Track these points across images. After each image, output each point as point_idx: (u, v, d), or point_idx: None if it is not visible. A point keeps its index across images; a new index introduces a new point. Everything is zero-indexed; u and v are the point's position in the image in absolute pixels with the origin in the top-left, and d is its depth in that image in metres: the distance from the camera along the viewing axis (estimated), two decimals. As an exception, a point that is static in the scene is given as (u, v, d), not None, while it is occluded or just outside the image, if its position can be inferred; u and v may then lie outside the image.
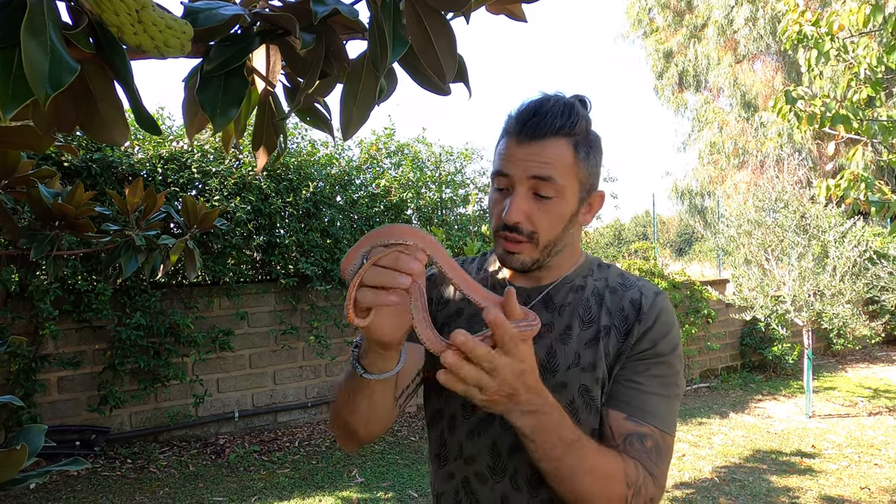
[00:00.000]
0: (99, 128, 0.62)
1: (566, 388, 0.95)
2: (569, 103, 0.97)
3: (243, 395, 4.88)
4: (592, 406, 0.95)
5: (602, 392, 0.95)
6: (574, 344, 0.98)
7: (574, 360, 0.96)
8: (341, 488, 3.80)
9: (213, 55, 0.69)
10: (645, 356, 0.96)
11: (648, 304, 0.99)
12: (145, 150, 4.37)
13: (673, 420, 0.96)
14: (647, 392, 0.94)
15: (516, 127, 0.96)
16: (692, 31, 14.34)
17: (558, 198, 0.96)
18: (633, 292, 1.01)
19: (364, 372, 0.83)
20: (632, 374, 0.95)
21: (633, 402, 0.93)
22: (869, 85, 3.82)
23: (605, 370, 0.96)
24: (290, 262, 4.89)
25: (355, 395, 0.88)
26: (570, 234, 1.01)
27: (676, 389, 0.98)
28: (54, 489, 3.71)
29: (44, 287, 3.87)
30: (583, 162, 0.97)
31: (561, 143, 0.95)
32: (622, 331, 0.97)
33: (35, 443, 1.15)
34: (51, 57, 0.46)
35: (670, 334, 0.98)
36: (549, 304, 1.03)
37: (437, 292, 1.15)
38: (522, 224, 0.96)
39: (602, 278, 1.06)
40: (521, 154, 0.95)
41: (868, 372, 7.46)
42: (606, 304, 1.01)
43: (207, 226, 1.72)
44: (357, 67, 0.86)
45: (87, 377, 4.23)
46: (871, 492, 3.77)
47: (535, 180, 0.94)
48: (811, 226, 5.52)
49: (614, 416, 0.94)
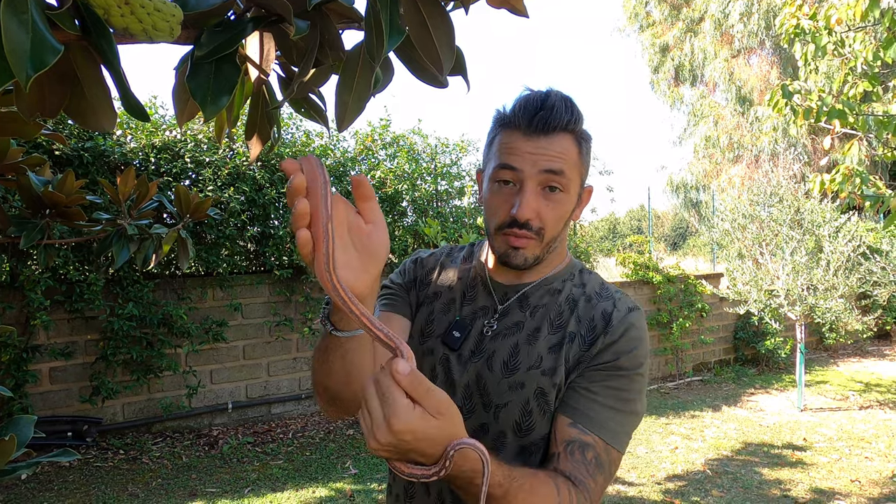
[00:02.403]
0: (85, 113, 0.60)
1: (523, 388, 0.94)
2: (568, 98, 0.97)
3: (237, 387, 4.87)
4: (546, 411, 0.94)
5: (557, 397, 0.94)
6: (539, 346, 0.97)
7: (535, 363, 0.95)
8: (335, 480, 3.80)
9: (204, 41, 0.67)
10: (604, 367, 0.93)
11: (619, 318, 0.97)
12: (138, 140, 4.33)
13: (622, 436, 0.92)
14: (597, 402, 0.91)
15: (524, 121, 0.94)
16: (688, 25, 14.31)
17: (565, 193, 0.96)
18: (606, 304, 1.00)
19: (333, 329, 0.78)
20: (587, 381, 0.93)
21: (582, 409, 0.91)
22: (865, 80, 3.82)
23: (563, 376, 0.94)
24: (284, 253, 4.87)
25: (328, 355, 0.83)
26: (564, 231, 1.01)
27: (633, 406, 0.94)
28: (46, 480, 3.69)
29: (35, 277, 3.83)
30: (583, 157, 0.98)
31: (567, 138, 0.95)
32: (587, 340, 0.96)
33: (24, 434, 1.14)
34: (32, 37, 0.44)
35: (636, 352, 0.95)
36: (524, 304, 1.02)
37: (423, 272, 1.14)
38: (533, 221, 0.95)
39: (581, 285, 1.04)
40: (531, 148, 0.94)
41: (859, 366, 7.52)
42: (578, 312, 0.99)
43: (200, 215, 1.70)
44: (353, 57, 0.85)
45: (79, 368, 4.20)
46: (862, 484, 3.81)
47: (548, 174, 0.93)
48: (805, 220, 5.54)
49: (560, 420, 0.92)
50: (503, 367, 0.96)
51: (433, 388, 0.65)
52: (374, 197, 0.71)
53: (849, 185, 3.78)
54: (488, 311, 1.04)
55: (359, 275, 0.70)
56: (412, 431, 0.63)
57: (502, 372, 0.96)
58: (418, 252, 1.19)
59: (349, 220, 0.70)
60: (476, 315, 1.04)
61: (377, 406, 0.63)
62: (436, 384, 0.90)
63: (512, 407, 0.94)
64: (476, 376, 0.98)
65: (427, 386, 0.64)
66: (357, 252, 0.70)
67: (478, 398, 0.97)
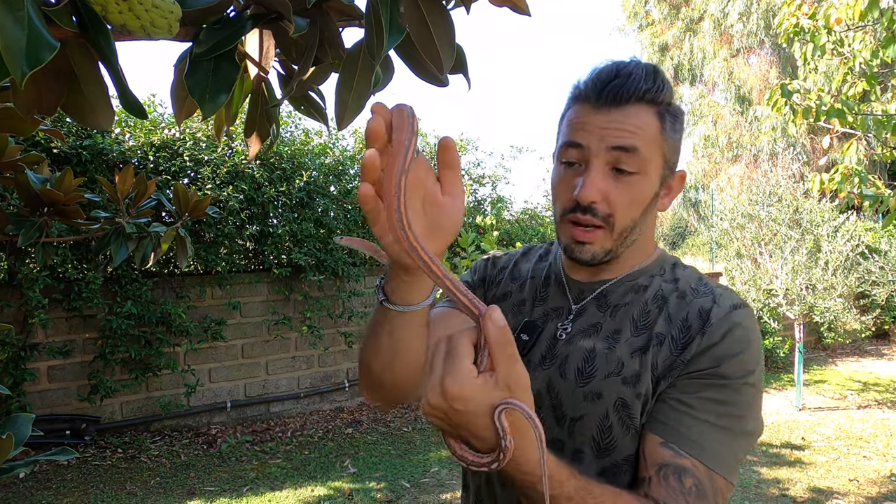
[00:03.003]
0: (83, 111, 0.60)
1: (601, 399, 0.81)
2: (652, 67, 0.84)
3: (235, 386, 4.87)
4: (630, 426, 0.79)
5: (643, 412, 0.80)
6: (619, 350, 0.83)
7: (615, 369, 0.82)
8: (334, 479, 3.80)
9: (202, 38, 0.67)
10: (702, 375, 0.78)
11: (719, 317, 0.80)
12: (136, 138, 4.32)
13: (728, 460, 0.76)
14: (694, 417, 0.76)
15: (594, 92, 0.83)
16: (688, 24, 14.31)
17: (641, 174, 0.82)
18: (704, 300, 0.84)
19: (385, 299, 0.70)
20: (680, 392, 0.78)
21: (676, 427, 0.76)
22: (864, 79, 3.82)
23: (650, 385, 0.80)
24: (283, 252, 4.86)
25: (376, 328, 0.75)
26: (646, 220, 0.87)
27: (740, 424, 0.77)
28: (44, 478, 3.69)
29: (33, 275, 3.83)
30: (668, 135, 0.84)
31: (645, 110, 0.82)
32: (679, 342, 0.80)
33: (22, 432, 1.13)
34: (28, 33, 0.44)
35: (742, 356, 0.78)
36: (602, 303, 0.89)
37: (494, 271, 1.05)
38: (598, 205, 0.82)
39: (672, 280, 0.89)
40: (600, 122, 0.82)
41: (858, 365, 7.52)
42: (668, 310, 0.84)
43: (199, 214, 1.70)
44: (353, 55, 0.84)
45: (77, 366, 4.20)
46: (860, 483, 3.81)
47: (617, 152, 0.81)
48: (804, 220, 5.54)
49: (650, 439, 0.77)
50: (577, 374, 0.83)
51: (518, 359, 0.55)
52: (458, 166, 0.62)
53: (848, 185, 3.78)
54: (562, 312, 0.92)
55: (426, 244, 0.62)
56: (465, 399, 0.55)
57: (577, 380, 0.83)
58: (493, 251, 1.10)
59: (426, 185, 0.63)
60: (548, 316, 0.92)
61: (439, 362, 0.57)
62: None
63: (588, 421, 0.81)
64: (547, 385, 0.86)
65: (512, 351, 0.55)
66: (426, 222, 0.62)
67: (549, 410, 0.85)
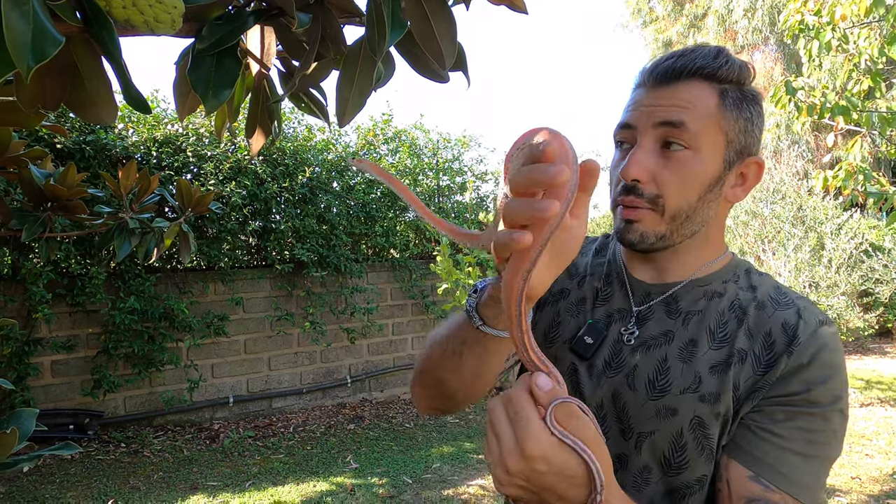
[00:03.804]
0: (86, 106, 0.60)
1: (676, 415, 0.75)
2: (718, 47, 0.78)
3: (238, 381, 4.88)
4: (706, 447, 0.74)
5: (722, 432, 0.75)
6: (697, 364, 0.76)
7: (692, 385, 0.75)
8: (336, 474, 3.81)
9: (205, 34, 0.67)
10: (792, 401, 0.72)
11: (807, 334, 0.74)
12: (139, 133, 4.33)
13: (817, 490, 0.72)
14: (786, 448, 0.71)
15: (650, 74, 0.79)
16: (692, 20, 14.25)
17: (693, 151, 0.75)
18: (787, 313, 0.76)
19: (482, 324, 0.67)
20: (769, 421, 0.73)
21: (765, 459, 0.71)
22: (869, 76, 3.81)
23: (731, 406, 0.74)
24: (285, 248, 4.87)
25: (463, 350, 0.71)
26: (708, 208, 0.78)
27: (828, 451, 0.73)
28: (48, 472, 3.71)
29: (37, 270, 3.84)
30: (731, 113, 0.76)
31: (701, 85, 0.76)
32: (763, 360, 0.74)
33: (26, 426, 1.14)
34: (33, 28, 0.44)
35: (833, 380, 0.73)
36: (673, 309, 0.82)
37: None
38: (645, 185, 0.76)
39: (749, 287, 0.81)
40: (650, 100, 0.77)
41: (860, 363, 7.51)
42: (748, 323, 0.77)
43: (202, 209, 1.71)
44: (354, 52, 0.84)
45: (80, 361, 4.21)
46: (862, 482, 3.81)
47: (665, 128, 0.75)
48: (808, 217, 5.53)
49: (736, 471, 0.72)
50: (648, 386, 0.78)
51: (580, 414, 0.54)
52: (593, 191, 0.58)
53: (852, 182, 3.77)
54: (626, 314, 0.85)
55: (542, 273, 0.59)
56: (548, 460, 0.52)
57: (647, 393, 0.77)
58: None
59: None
60: (612, 318, 0.85)
61: (507, 428, 0.53)
62: None
63: (659, 438, 0.76)
64: (612, 394, 0.80)
65: (571, 410, 0.53)
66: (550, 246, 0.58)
67: (613, 421, 0.80)
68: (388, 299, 5.63)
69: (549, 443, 0.52)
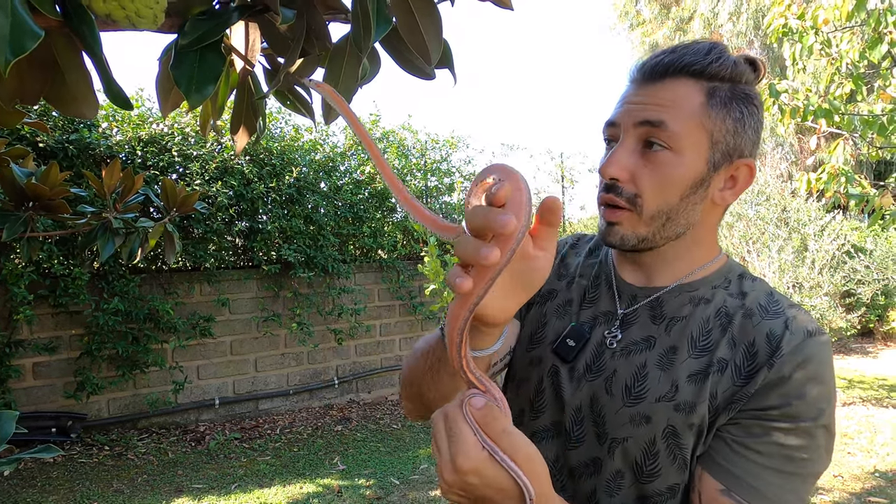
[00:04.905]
0: (66, 100, 0.59)
1: (649, 423, 0.74)
2: (716, 45, 0.76)
3: (224, 383, 4.84)
4: (679, 456, 0.73)
5: (697, 442, 0.73)
6: (675, 372, 0.75)
7: (668, 393, 0.74)
8: (323, 476, 3.80)
9: (188, 29, 0.67)
10: (770, 416, 0.70)
11: (792, 346, 0.70)
12: (124, 132, 4.28)
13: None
14: (761, 464, 0.69)
15: (639, 70, 0.78)
16: (678, 23, 14.38)
17: (674, 151, 0.73)
18: (774, 323, 0.73)
19: None
20: (745, 435, 0.71)
21: (738, 474, 0.70)
22: (851, 80, 3.86)
23: (707, 416, 0.72)
24: (272, 249, 4.84)
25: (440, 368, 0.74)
26: (692, 211, 0.76)
27: (810, 467, 0.70)
28: (29, 476, 3.65)
29: (18, 270, 3.78)
30: (717, 112, 0.74)
31: (686, 83, 0.74)
32: (744, 371, 0.72)
33: (6, 429, 1.12)
34: (12, 21, 0.44)
35: (816, 394, 0.70)
36: (657, 314, 0.80)
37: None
38: (624, 184, 0.75)
39: (739, 294, 0.79)
40: (636, 97, 0.76)
41: (843, 363, 7.61)
42: (733, 331, 0.75)
43: (187, 209, 1.69)
44: (339, 48, 0.84)
45: (63, 363, 4.16)
46: (844, 480, 3.85)
47: (645, 127, 0.74)
48: (792, 219, 5.60)
49: (708, 483, 0.71)
50: (625, 392, 0.76)
51: (513, 431, 0.56)
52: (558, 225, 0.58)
53: (834, 184, 3.82)
54: (611, 317, 0.83)
55: (503, 302, 0.60)
56: (478, 473, 0.54)
57: (623, 398, 0.76)
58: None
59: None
60: (597, 321, 0.84)
61: (444, 443, 0.56)
62: (542, 401, 0.84)
63: (632, 444, 0.75)
64: (590, 398, 0.79)
65: (504, 426, 0.55)
66: (511, 277, 0.59)
67: (590, 425, 0.79)
68: (376, 300, 5.62)
69: (480, 458, 0.54)
